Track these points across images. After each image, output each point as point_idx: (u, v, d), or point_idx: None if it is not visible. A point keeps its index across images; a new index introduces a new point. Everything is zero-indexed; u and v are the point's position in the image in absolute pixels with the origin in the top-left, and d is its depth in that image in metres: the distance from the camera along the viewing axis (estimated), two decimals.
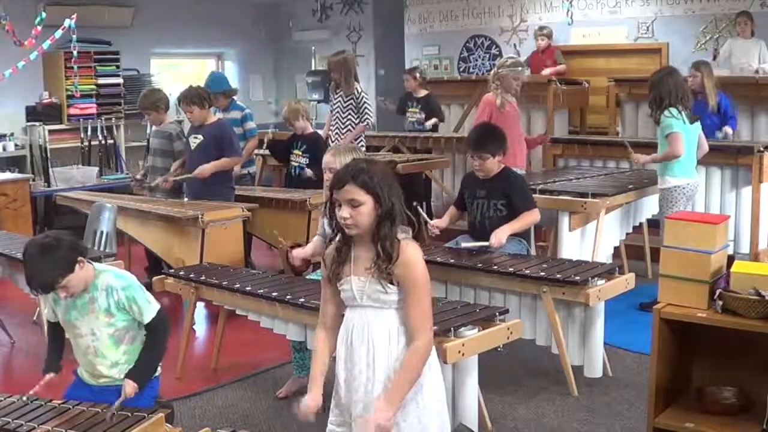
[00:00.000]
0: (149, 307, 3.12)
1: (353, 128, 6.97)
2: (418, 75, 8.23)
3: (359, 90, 7.02)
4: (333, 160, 3.99)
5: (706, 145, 5.52)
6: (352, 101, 6.96)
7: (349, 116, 6.99)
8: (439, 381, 2.69)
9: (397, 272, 2.51)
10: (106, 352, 3.11)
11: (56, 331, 3.26)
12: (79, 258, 3.01)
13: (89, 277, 3.07)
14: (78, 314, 3.11)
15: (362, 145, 7.09)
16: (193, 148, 6.02)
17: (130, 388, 2.99)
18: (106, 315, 3.08)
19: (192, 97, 5.92)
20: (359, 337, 2.57)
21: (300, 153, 6.43)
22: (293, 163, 6.51)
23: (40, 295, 3.11)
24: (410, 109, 8.23)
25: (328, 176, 4.05)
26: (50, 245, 2.98)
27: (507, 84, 5.99)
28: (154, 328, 3.13)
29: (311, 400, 2.62)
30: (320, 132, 6.94)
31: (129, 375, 3.05)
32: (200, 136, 5.97)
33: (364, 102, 6.95)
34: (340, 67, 6.95)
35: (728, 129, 6.39)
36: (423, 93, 8.20)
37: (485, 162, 4.62)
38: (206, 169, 5.85)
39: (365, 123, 7.00)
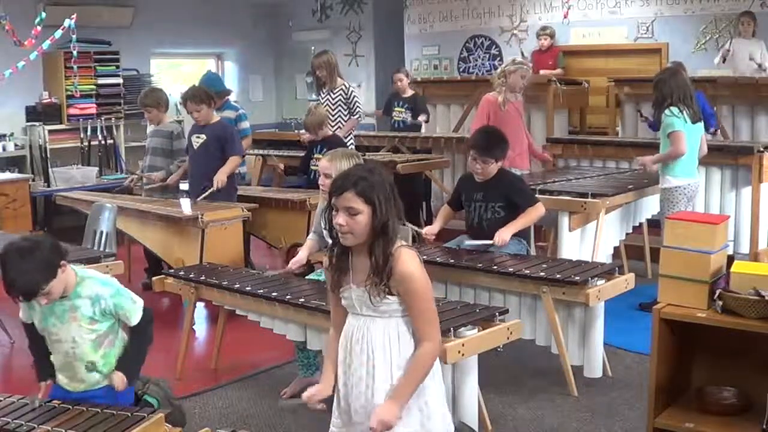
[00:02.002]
0: (135, 308, 3.06)
1: (344, 123, 7.05)
2: (405, 75, 8.30)
3: (347, 85, 7.17)
4: (329, 165, 3.97)
5: (705, 147, 5.51)
6: (340, 97, 7.07)
7: (339, 112, 7.07)
8: (441, 385, 2.69)
9: (394, 285, 2.49)
10: (85, 356, 3.03)
11: (36, 332, 3.10)
12: (62, 261, 2.89)
13: (71, 282, 2.95)
14: (57, 321, 3.00)
15: (352, 142, 7.15)
16: (195, 148, 6.01)
17: (118, 379, 2.95)
18: (90, 322, 2.99)
19: (201, 96, 5.95)
20: (358, 345, 2.56)
21: (322, 157, 6.33)
22: (314, 167, 6.37)
23: (22, 302, 2.96)
24: (396, 109, 8.29)
25: (323, 181, 4.04)
26: (31, 248, 2.83)
27: (514, 81, 6.00)
28: (142, 326, 3.07)
29: (318, 389, 2.64)
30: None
31: (119, 368, 2.99)
32: (203, 136, 5.97)
33: (354, 96, 7.08)
34: (324, 66, 7.11)
35: (712, 131, 6.39)
36: (410, 93, 8.26)
37: (488, 166, 4.62)
38: (222, 179, 5.86)
39: (357, 116, 7.13)
